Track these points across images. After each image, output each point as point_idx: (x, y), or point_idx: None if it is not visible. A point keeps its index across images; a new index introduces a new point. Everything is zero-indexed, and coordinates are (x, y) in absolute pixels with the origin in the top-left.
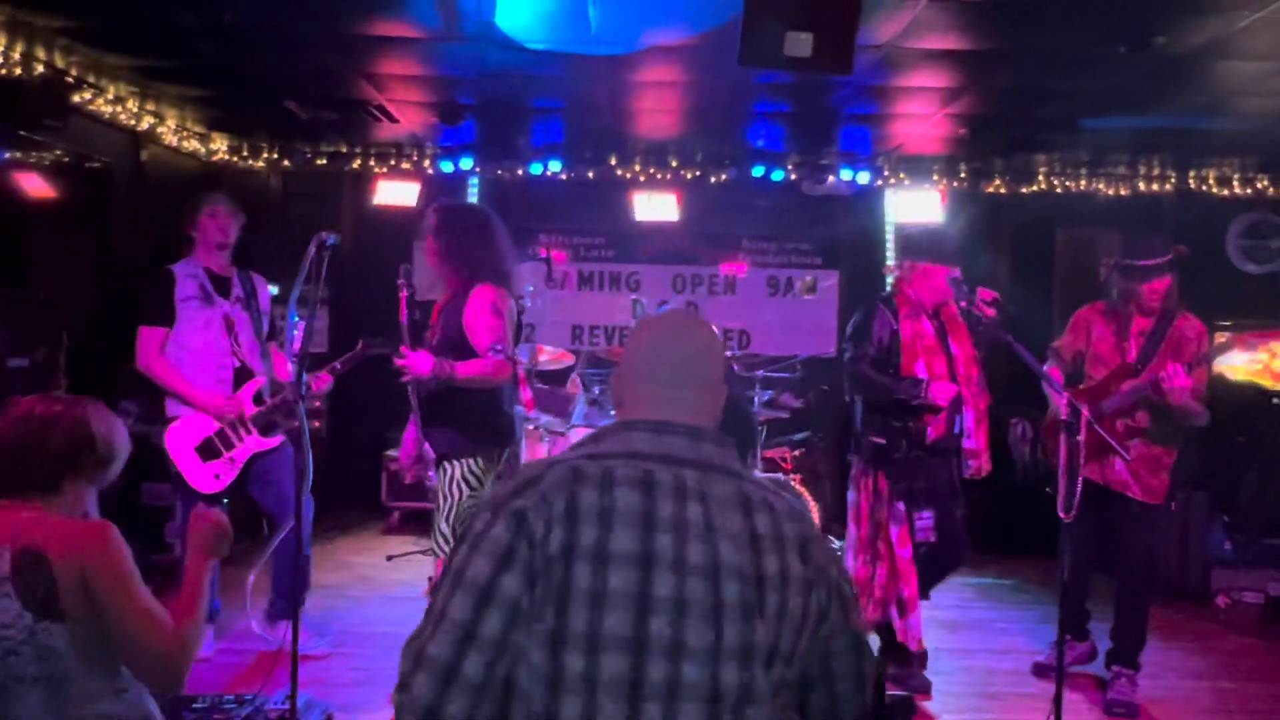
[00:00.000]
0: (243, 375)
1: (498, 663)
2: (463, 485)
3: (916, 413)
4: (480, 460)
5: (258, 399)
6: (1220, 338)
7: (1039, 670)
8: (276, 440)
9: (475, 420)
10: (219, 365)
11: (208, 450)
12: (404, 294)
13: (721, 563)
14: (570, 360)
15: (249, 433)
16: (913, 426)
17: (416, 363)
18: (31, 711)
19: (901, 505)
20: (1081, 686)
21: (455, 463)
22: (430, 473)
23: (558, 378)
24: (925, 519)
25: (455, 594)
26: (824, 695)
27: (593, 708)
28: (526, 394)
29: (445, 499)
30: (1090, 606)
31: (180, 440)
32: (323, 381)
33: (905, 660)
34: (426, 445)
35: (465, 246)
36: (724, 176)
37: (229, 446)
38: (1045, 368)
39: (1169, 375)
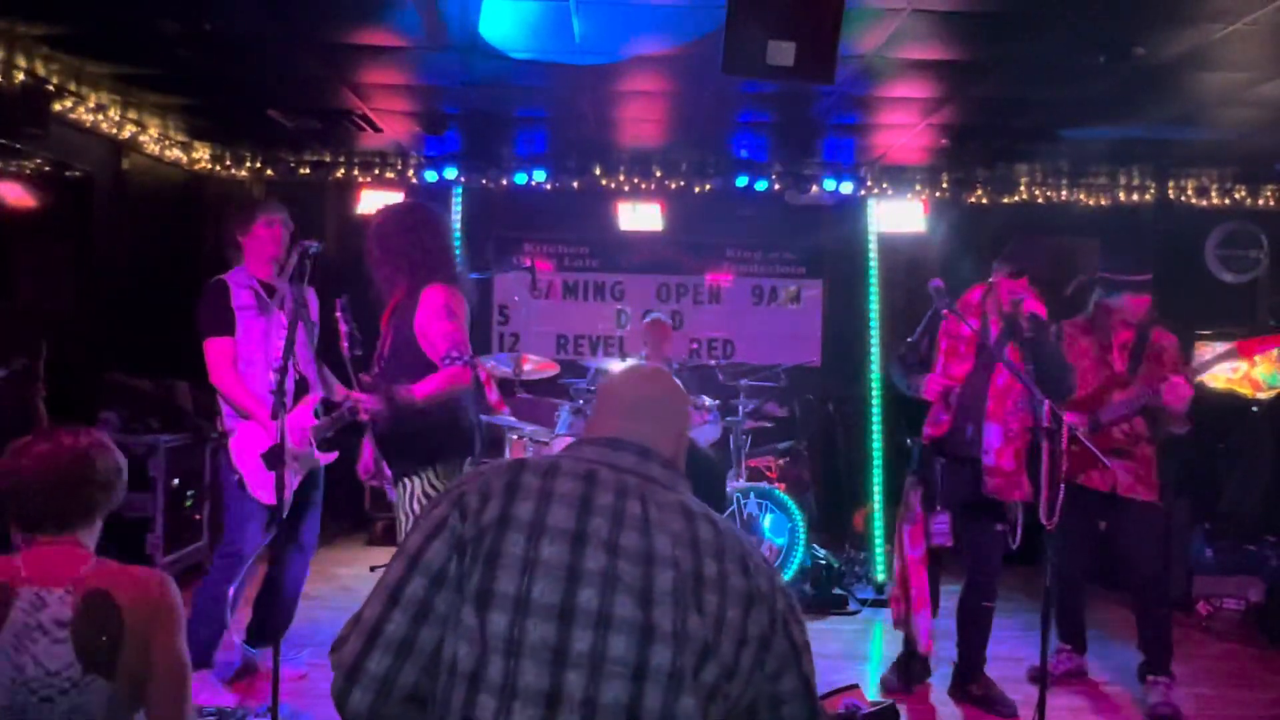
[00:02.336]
0: (300, 388)
1: (421, 624)
2: (423, 500)
3: (921, 408)
4: (440, 472)
5: (316, 413)
6: (1208, 348)
7: (1036, 677)
8: (333, 456)
9: (433, 434)
10: (303, 370)
11: (271, 460)
12: (343, 328)
13: (656, 552)
14: (555, 369)
15: (310, 447)
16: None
17: (370, 404)
18: None
19: (917, 505)
20: (1071, 694)
21: (414, 479)
22: (389, 486)
23: (542, 387)
24: (941, 522)
25: (391, 565)
26: None
27: (515, 670)
28: (493, 395)
29: (408, 517)
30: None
31: (246, 449)
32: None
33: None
34: (384, 462)
35: (405, 248)
36: (708, 186)
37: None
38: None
39: (1175, 385)
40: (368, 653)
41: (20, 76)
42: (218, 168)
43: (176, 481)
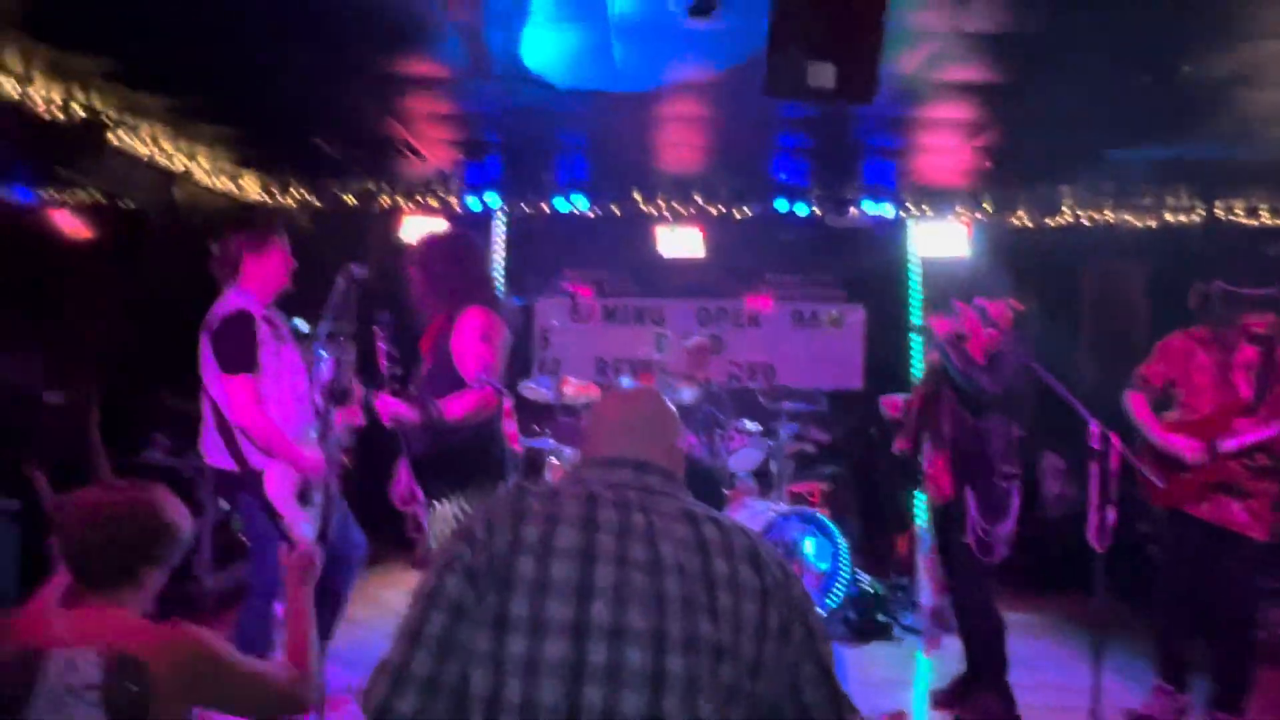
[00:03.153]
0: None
1: (446, 660)
2: (453, 525)
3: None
4: (470, 498)
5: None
6: None
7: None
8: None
9: (465, 459)
10: (301, 411)
11: (304, 498)
12: (382, 346)
13: (663, 560)
14: (596, 393)
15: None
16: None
17: (398, 409)
18: None
19: None
20: None
21: (445, 503)
22: (421, 510)
23: (584, 411)
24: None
25: (410, 609)
26: None
27: (535, 688)
28: (511, 428)
29: (437, 540)
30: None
31: (280, 488)
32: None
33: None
34: (417, 489)
35: (446, 275)
36: (748, 211)
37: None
38: (1127, 394)
39: None
40: (397, 694)
41: (78, 110)
42: (266, 197)
43: (224, 503)
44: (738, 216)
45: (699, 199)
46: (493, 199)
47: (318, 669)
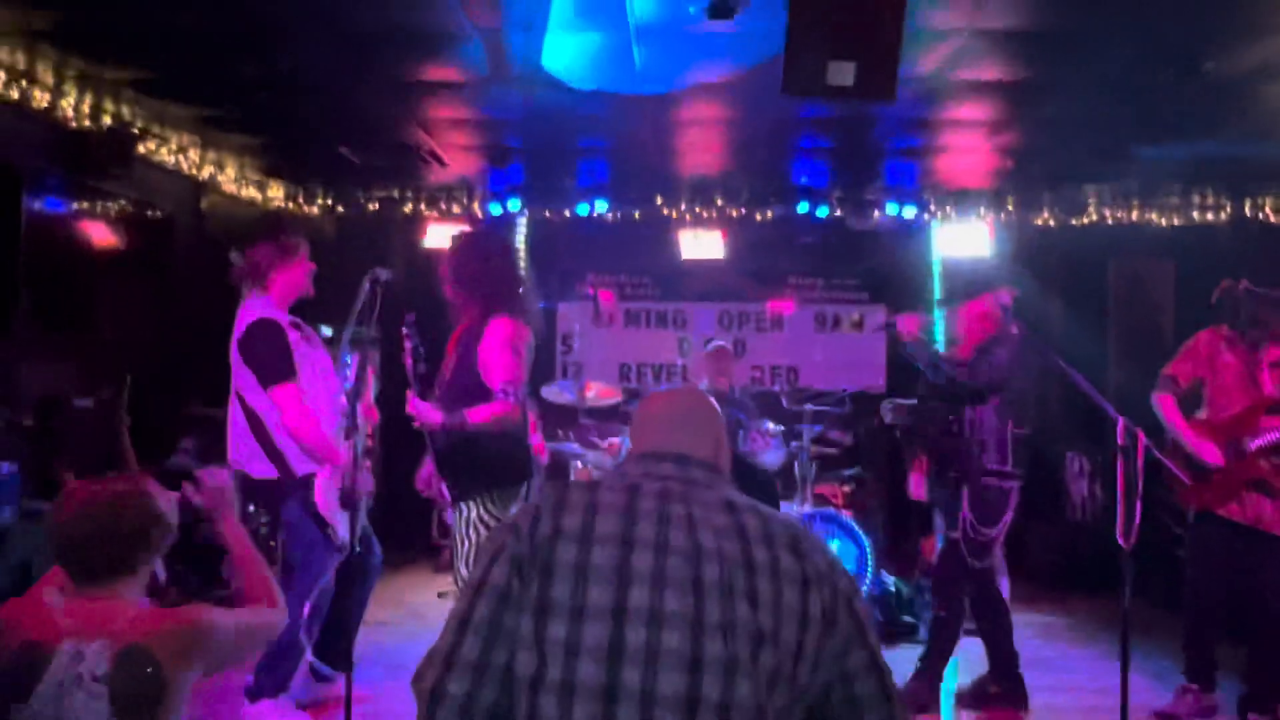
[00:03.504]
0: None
1: (493, 645)
2: (479, 527)
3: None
4: (496, 499)
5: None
6: None
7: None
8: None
9: (490, 459)
10: (334, 414)
11: (346, 501)
12: (408, 344)
13: (703, 547)
14: (618, 397)
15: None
16: None
17: (425, 412)
18: None
19: None
20: None
21: (471, 504)
22: (445, 503)
23: (606, 414)
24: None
25: (461, 598)
26: None
27: (574, 670)
28: (537, 439)
29: (464, 542)
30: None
31: (328, 496)
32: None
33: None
34: (443, 485)
35: (482, 274)
36: (769, 213)
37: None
38: (1155, 396)
39: None
40: (447, 677)
41: (107, 120)
42: (291, 205)
43: (251, 507)
44: (759, 219)
45: (720, 202)
46: (514, 204)
47: (277, 585)
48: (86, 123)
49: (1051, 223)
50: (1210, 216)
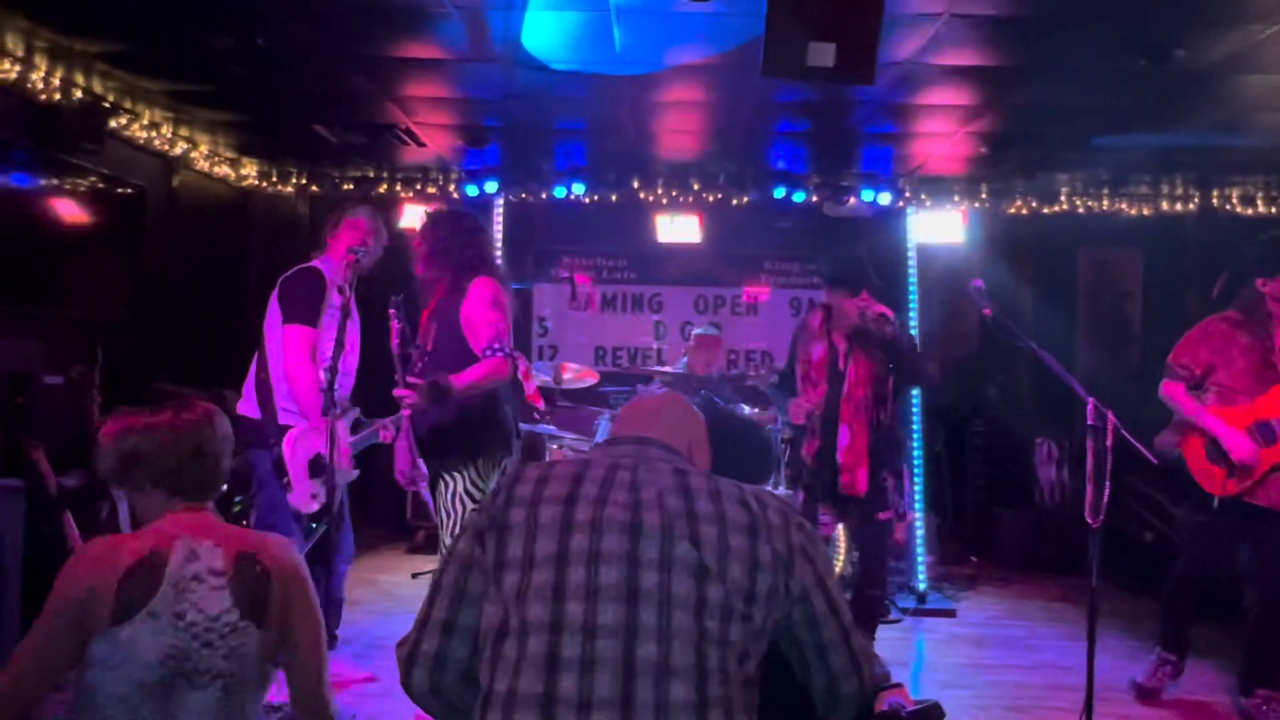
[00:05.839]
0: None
1: (460, 605)
2: (465, 500)
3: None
4: (480, 469)
5: (354, 427)
6: None
7: (1140, 691)
8: (355, 474)
9: (472, 430)
10: (342, 382)
11: (315, 467)
12: (395, 325)
13: (643, 500)
14: (594, 379)
15: (351, 462)
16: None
17: (414, 391)
18: (194, 711)
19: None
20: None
21: (455, 476)
22: (423, 486)
23: (582, 396)
24: (823, 515)
25: (437, 571)
26: (821, 673)
27: (525, 611)
28: (530, 388)
29: (449, 515)
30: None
31: (297, 451)
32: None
33: None
34: (420, 461)
35: (455, 247)
36: (745, 199)
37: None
38: (1165, 384)
39: None
40: (420, 637)
41: (78, 94)
42: (264, 183)
43: (225, 487)
44: (735, 204)
45: (697, 186)
46: (491, 186)
47: None
48: (57, 96)
49: (1024, 211)
50: (1178, 206)
